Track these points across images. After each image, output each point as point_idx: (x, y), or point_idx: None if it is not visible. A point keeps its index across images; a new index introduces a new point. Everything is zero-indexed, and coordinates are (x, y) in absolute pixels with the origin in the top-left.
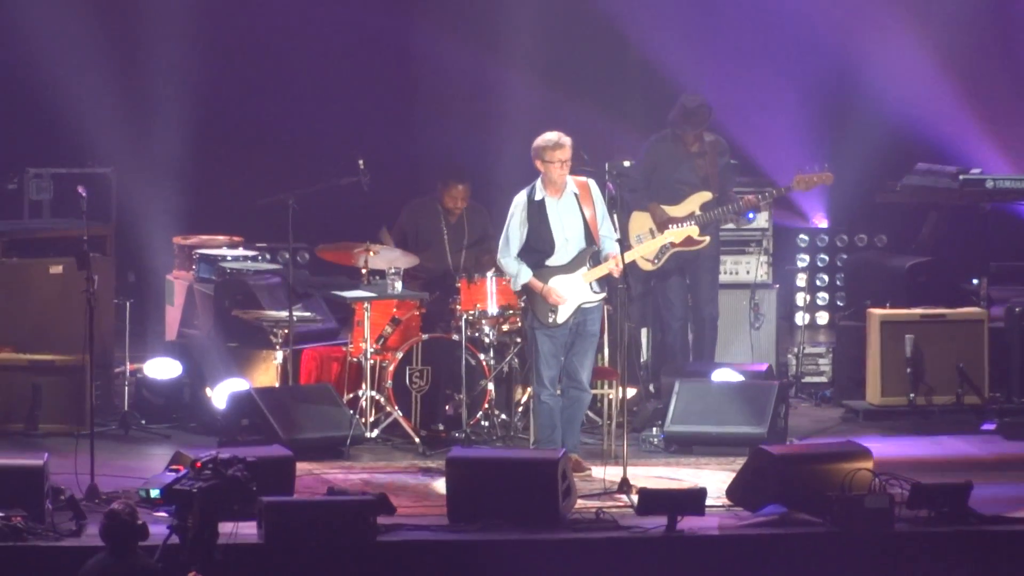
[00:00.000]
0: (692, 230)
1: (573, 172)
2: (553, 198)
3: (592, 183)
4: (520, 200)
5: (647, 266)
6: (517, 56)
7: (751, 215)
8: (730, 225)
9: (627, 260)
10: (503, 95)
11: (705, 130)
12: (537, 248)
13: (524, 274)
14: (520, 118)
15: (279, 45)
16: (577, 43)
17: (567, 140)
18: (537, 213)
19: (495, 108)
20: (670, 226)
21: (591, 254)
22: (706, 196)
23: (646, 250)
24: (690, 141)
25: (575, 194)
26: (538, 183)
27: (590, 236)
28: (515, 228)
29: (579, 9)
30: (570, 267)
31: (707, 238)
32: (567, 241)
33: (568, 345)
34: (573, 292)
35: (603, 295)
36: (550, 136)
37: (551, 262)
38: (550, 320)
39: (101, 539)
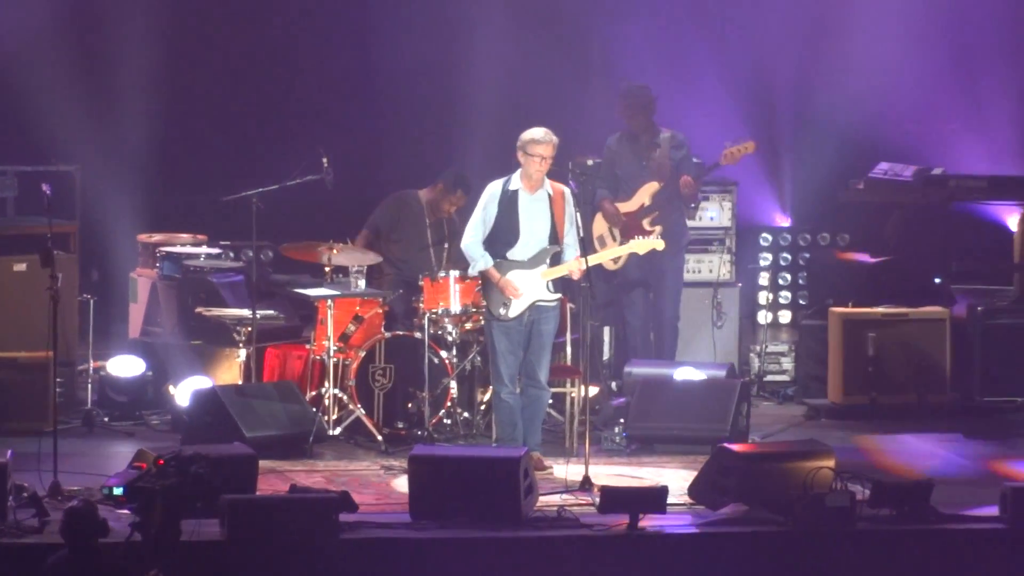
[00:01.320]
0: (658, 243)
1: (552, 177)
2: (527, 192)
3: (568, 192)
4: (494, 188)
5: (610, 265)
6: (480, 53)
7: (712, 216)
8: (693, 224)
9: (591, 263)
10: (466, 91)
11: (662, 126)
12: (501, 238)
13: (485, 261)
14: (484, 114)
15: (242, 43)
16: (541, 39)
17: (553, 138)
18: (508, 203)
19: (458, 104)
20: (636, 236)
21: (552, 254)
22: (654, 187)
23: (607, 256)
24: (640, 132)
25: (549, 195)
26: (515, 175)
27: (555, 238)
28: (484, 215)
29: (541, 5)
30: (530, 263)
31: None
32: (531, 237)
33: (525, 343)
34: (529, 289)
35: (558, 296)
36: (537, 130)
37: (512, 255)
38: (501, 312)
39: (61, 537)
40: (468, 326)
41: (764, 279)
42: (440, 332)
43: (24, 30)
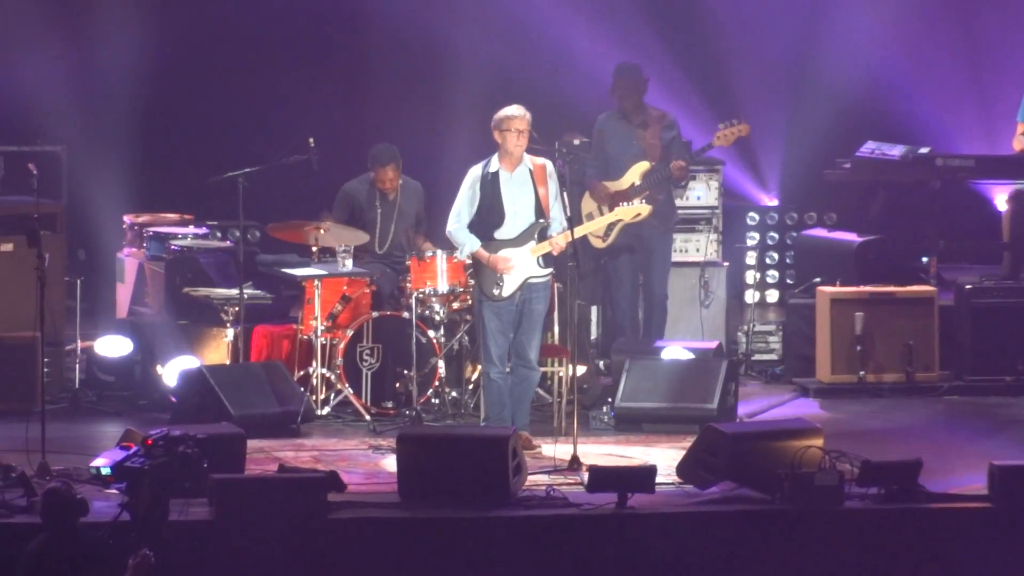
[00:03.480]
0: (643, 208)
1: (531, 153)
2: (507, 171)
3: (549, 165)
4: (474, 172)
5: (598, 243)
6: (468, 32)
7: (699, 196)
8: (680, 203)
9: (576, 236)
10: (454, 71)
11: (652, 106)
12: (487, 220)
13: (472, 244)
14: (471, 94)
15: (229, 23)
16: (527, 18)
17: (525, 112)
18: (490, 185)
19: (445, 84)
20: (621, 203)
21: (540, 229)
22: (644, 166)
23: (594, 227)
24: (631, 112)
25: (530, 170)
26: (494, 157)
27: (540, 212)
28: (466, 199)
29: None
30: (518, 240)
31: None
32: (516, 215)
33: (515, 323)
34: (520, 265)
35: (549, 271)
36: (510, 107)
37: (499, 235)
38: (496, 292)
39: (40, 519)
40: (456, 305)
41: (751, 258)
42: (428, 312)
43: (7, 9)
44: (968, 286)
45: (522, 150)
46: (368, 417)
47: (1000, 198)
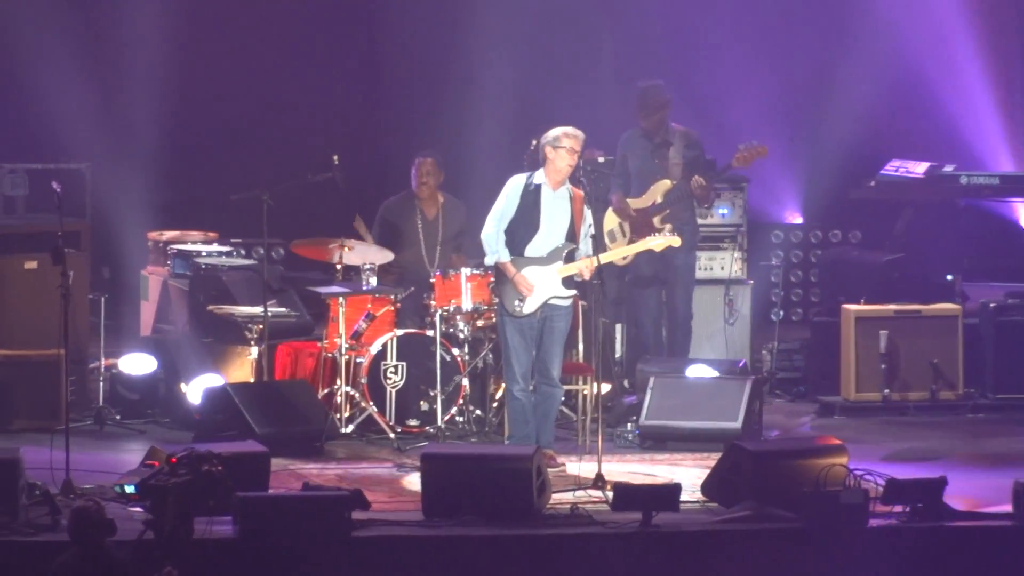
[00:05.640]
0: (674, 240)
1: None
2: (550, 188)
3: (584, 196)
4: (516, 181)
5: (619, 262)
6: (491, 54)
7: (724, 212)
8: (704, 221)
9: (604, 261)
10: (478, 89)
11: (675, 124)
12: (520, 231)
13: (502, 254)
14: (494, 112)
15: (252, 41)
16: (553, 37)
17: (579, 133)
18: (531, 197)
19: (469, 102)
20: (653, 233)
21: (568, 251)
22: (666, 184)
23: (623, 254)
24: (654, 130)
25: (570, 194)
26: (539, 171)
27: (572, 237)
28: (505, 205)
29: (553, 4)
30: (546, 259)
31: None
32: (550, 232)
33: (538, 340)
34: (544, 284)
35: (573, 293)
36: (565, 126)
37: (529, 250)
38: (516, 307)
39: (69, 536)
40: (480, 323)
41: (776, 277)
42: (452, 329)
43: (32, 27)
44: (993, 304)
45: (571, 170)
46: (392, 435)
47: None
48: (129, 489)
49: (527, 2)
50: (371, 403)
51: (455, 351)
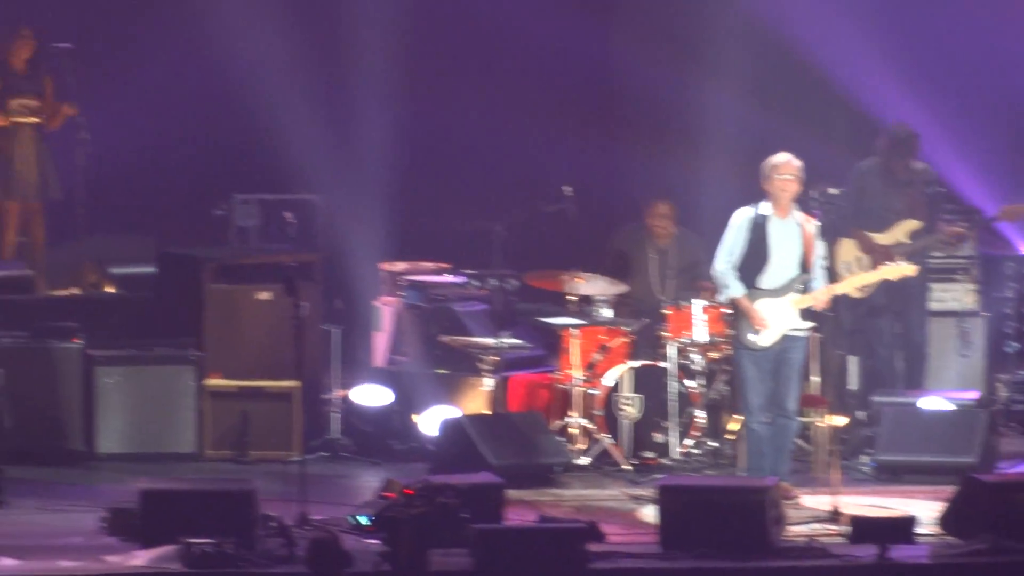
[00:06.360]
0: (909, 269)
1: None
2: (777, 218)
3: (816, 224)
4: (744, 214)
5: (856, 293)
6: (722, 84)
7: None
8: (937, 252)
9: (840, 291)
10: (708, 122)
11: (913, 159)
12: (751, 264)
13: (735, 289)
14: (726, 144)
15: (485, 72)
16: (781, 67)
17: (792, 159)
18: (758, 229)
19: (700, 135)
20: (887, 263)
21: (802, 281)
22: (914, 224)
23: (860, 283)
24: (898, 169)
25: (799, 224)
26: (765, 202)
27: (804, 266)
28: (734, 239)
29: (780, 34)
30: (780, 291)
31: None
32: (781, 263)
33: (774, 372)
34: (779, 317)
35: (811, 325)
36: (780, 154)
37: (762, 283)
38: (752, 340)
39: (305, 568)
40: (714, 355)
41: (1010, 308)
42: (685, 361)
43: (266, 61)
44: None
45: (790, 196)
46: (627, 467)
47: None
48: (364, 520)
49: (755, 38)
50: (606, 435)
51: (688, 382)
